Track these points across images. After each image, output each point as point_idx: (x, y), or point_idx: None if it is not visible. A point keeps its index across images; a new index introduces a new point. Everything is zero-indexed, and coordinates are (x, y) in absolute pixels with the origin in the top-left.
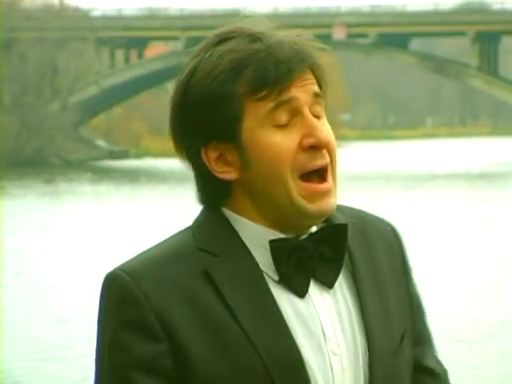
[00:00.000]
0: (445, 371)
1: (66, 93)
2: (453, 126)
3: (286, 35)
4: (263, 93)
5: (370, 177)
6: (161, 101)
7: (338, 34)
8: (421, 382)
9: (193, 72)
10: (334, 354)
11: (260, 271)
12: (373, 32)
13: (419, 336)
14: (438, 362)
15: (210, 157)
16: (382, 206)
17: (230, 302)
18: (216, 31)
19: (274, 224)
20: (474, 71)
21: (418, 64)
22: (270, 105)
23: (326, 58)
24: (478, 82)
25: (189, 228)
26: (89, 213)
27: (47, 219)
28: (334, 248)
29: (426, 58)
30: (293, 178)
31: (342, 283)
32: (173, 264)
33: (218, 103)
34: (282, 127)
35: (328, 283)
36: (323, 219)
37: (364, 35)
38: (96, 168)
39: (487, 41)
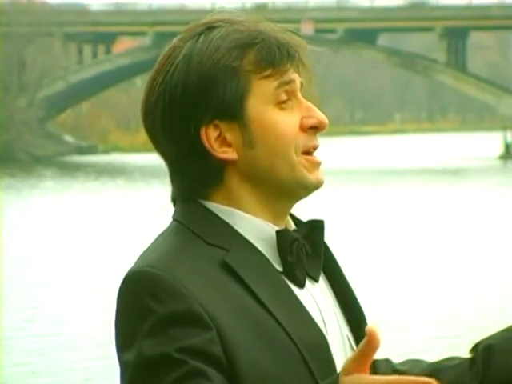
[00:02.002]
0: None
1: (34, 88)
2: (421, 122)
3: (271, 25)
4: (268, 71)
5: (332, 172)
6: (129, 96)
7: (306, 29)
8: None
9: (190, 54)
10: (333, 343)
11: (270, 263)
12: (340, 27)
13: None
14: None
15: (210, 137)
16: (338, 201)
17: (256, 292)
18: (197, 22)
19: (269, 208)
20: (442, 67)
21: (385, 60)
22: (274, 83)
23: (309, 53)
24: (446, 78)
25: (178, 225)
26: (51, 208)
27: (7, 215)
28: (313, 243)
29: (393, 53)
30: (296, 153)
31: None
32: (192, 258)
33: (225, 80)
34: (283, 108)
35: (314, 276)
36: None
37: (332, 31)
38: (63, 163)
39: (455, 36)
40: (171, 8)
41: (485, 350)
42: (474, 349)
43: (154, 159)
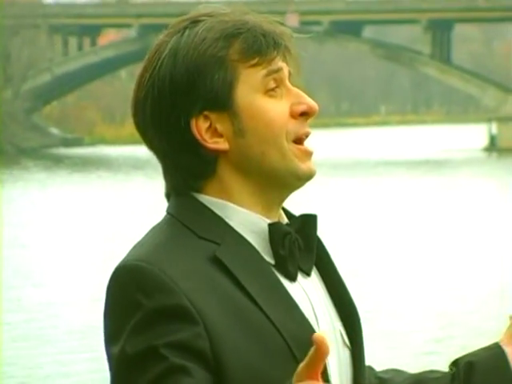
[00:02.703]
0: None
1: (19, 80)
2: (406, 114)
3: (257, 16)
4: (255, 60)
5: (317, 164)
6: (114, 88)
7: (291, 21)
8: None
9: (176, 48)
10: None
11: (261, 256)
12: (326, 20)
13: None
14: None
15: (201, 128)
16: (323, 193)
17: (247, 287)
18: (183, 17)
19: (261, 199)
20: (426, 59)
21: (370, 52)
22: (262, 72)
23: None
24: (431, 70)
25: (171, 218)
26: (36, 200)
27: None
28: (305, 237)
29: (378, 45)
30: (287, 141)
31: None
32: (182, 252)
33: (213, 70)
34: (272, 95)
35: (306, 271)
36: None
37: (317, 23)
38: (49, 155)
39: (440, 28)
40: (155, 0)
41: (466, 367)
42: (455, 364)
43: (140, 151)
